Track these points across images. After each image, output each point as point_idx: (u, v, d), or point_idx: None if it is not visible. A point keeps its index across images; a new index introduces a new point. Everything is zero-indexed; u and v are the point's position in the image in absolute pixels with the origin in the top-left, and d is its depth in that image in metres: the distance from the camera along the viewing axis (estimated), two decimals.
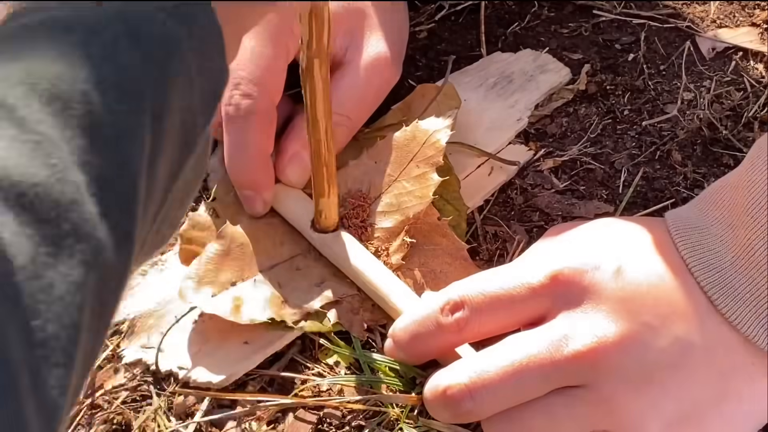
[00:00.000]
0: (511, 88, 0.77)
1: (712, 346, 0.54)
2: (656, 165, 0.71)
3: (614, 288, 0.54)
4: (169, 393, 0.60)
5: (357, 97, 0.68)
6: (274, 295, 0.62)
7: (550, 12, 0.83)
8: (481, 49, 0.80)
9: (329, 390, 0.60)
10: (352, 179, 0.68)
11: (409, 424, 0.57)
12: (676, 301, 0.54)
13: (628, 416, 0.53)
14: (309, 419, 0.59)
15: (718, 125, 0.72)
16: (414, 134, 0.67)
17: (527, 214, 0.69)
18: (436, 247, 0.65)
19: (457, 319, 0.56)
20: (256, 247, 0.65)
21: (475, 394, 0.54)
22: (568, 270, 0.55)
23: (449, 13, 0.83)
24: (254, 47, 0.65)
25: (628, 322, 0.53)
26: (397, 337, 0.59)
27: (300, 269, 0.65)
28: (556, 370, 0.53)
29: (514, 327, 0.57)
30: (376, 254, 0.64)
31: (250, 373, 0.61)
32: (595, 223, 0.60)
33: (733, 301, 0.54)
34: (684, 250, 0.56)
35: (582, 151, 0.73)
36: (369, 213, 0.66)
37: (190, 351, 0.61)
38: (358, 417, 0.58)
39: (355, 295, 0.63)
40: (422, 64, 0.80)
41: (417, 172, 0.66)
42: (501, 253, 0.67)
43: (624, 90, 0.76)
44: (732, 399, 0.54)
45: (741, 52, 0.78)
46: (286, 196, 0.67)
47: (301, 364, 0.62)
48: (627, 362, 0.52)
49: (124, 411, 0.60)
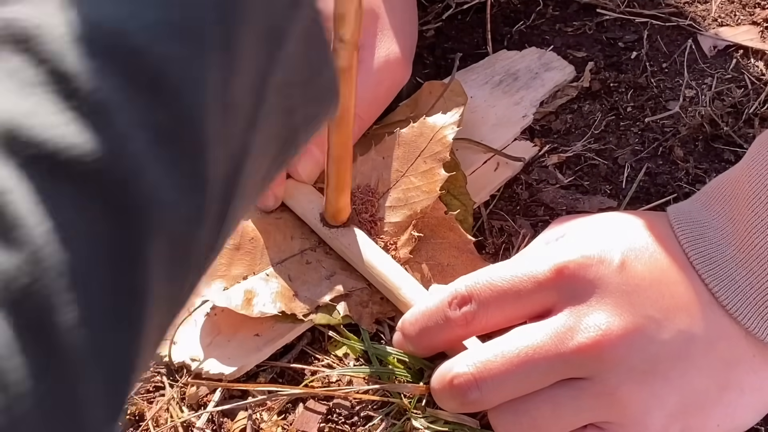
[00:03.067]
0: (517, 86, 0.77)
1: (714, 339, 0.54)
2: (659, 161, 0.72)
3: (618, 282, 0.55)
4: (182, 384, 0.61)
5: (369, 97, 0.69)
6: (284, 289, 0.63)
7: (555, 11, 0.84)
8: (487, 47, 0.81)
9: (338, 381, 0.61)
10: (361, 174, 0.68)
11: (417, 414, 0.58)
12: (678, 294, 0.55)
13: (632, 407, 0.53)
14: (319, 410, 0.59)
15: (720, 122, 0.73)
16: (421, 130, 0.68)
17: (532, 209, 0.70)
18: (444, 241, 0.66)
19: (464, 312, 0.57)
20: (266, 242, 0.66)
21: (482, 384, 0.54)
22: (573, 264, 0.55)
23: (456, 12, 0.84)
24: None
25: (632, 316, 0.54)
26: (406, 330, 0.59)
27: (310, 263, 0.66)
28: (561, 361, 0.54)
29: (521, 320, 0.57)
30: (385, 248, 0.65)
31: (261, 364, 0.62)
32: (599, 217, 0.60)
33: (734, 293, 0.55)
34: (686, 243, 0.56)
35: (586, 147, 0.73)
36: (378, 208, 0.67)
37: (203, 343, 0.62)
38: (367, 407, 0.59)
39: (365, 288, 0.64)
40: (429, 62, 0.81)
41: (424, 167, 0.67)
42: (507, 247, 0.67)
43: (627, 87, 0.77)
44: (734, 390, 0.55)
45: (742, 50, 0.79)
46: (297, 191, 0.68)
47: (310, 355, 0.62)
48: (631, 355, 0.53)
49: (137, 402, 0.61)
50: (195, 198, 0.33)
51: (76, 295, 0.29)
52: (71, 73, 0.30)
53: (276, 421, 0.59)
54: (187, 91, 0.33)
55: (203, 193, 0.33)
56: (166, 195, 0.31)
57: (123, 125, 0.31)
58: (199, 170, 0.33)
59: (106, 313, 0.29)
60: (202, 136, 0.33)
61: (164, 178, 0.31)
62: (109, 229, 0.30)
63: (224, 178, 0.35)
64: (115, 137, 0.30)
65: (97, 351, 0.29)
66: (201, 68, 0.33)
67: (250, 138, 0.36)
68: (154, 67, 0.32)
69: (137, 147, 0.31)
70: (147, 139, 0.31)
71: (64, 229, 0.29)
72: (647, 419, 0.54)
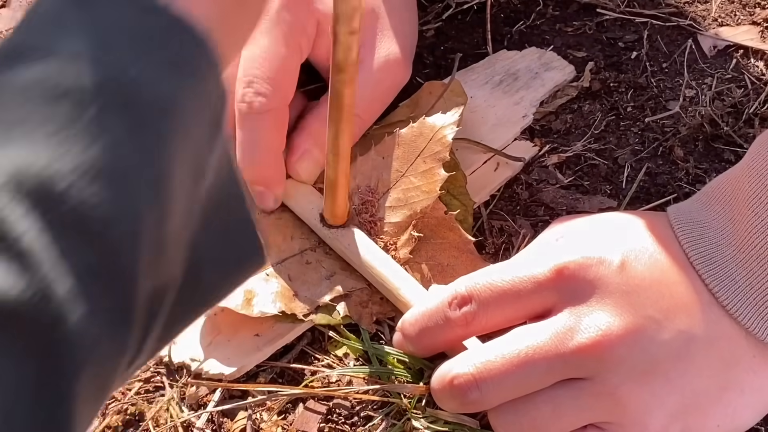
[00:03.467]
0: (517, 86, 0.77)
1: (714, 339, 0.54)
2: (659, 161, 0.72)
3: (618, 282, 0.55)
4: (182, 384, 0.61)
5: (369, 97, 0.69)
6: (284, 289, 0.63)
7: (555, 11, 0.84)
8: (487, 47, 0.81)
9: (338, 381, 0.61)
10: (361, 175, 0.68)
11: (417, 414, 0.58)
12: (678, 294, 0.55)
13: (632, 408, 0.53)
14: (319, 410, 0.60)
15: (720, 122, 0.73)
16: (421, 130, 0.68)
17: (532, 209, 0.70)
18: (443, 241, 0.66)
19: (464, 313, 0.57)
20: (266, 242, 0.66)
21: (482, 384, 0.55)
22: (573, 264, 0.55)
23: (456, 11, 0.84)
24: (268, 45, 0.66)
25: (632, 316, 0.54)
26: (406, 330, 0.59)
27: (310, 263, 0.66)
28: (561, 362, 0.54)
29: (521, 320, 0.57)
30: (385, 248, 0.65)
31: (261, 364, 0.62)
32: (599, 217, 0.60)
33: (734, 294, 0.55)
34: (686, 243, 0.56)
35: (586, 147, 0.73)
36: (378, 208, 0.67)
37: (203, 343, 0.62)
38: (367, 407, 0.59)
39: (364, 288, 0.64)
40: (429, 62, 0.81)
41: (424, 167, 0.67)
42: (507, 247, 0.67)
43: (627, 87, 0.77)
44: (734, 390, 0.55)
45: (742, 50, 0.79)
46: (297, 192, 0.68)
47: (310, 355, 0.63)
48: (631, 355, 0.53)
49: (137, 402, 0.61)
50: (119, 332, 0.34)
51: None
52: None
53: (276, 421, 0.59)
54: (113, 230, 0.34)
55: (128, 325, 0.35)
56: (90, 333, 0.32)
57: (48, 268, 0.32)
58: (125, 305, 0.34)
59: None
60: (129, 272, 0.34)
61: (88, 317, 0.32)
62: (35, 371, 0.31)
63: (149, 307, 0.36)
64: (40, 280, 0.31)
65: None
66: (129, 207, 0.34)
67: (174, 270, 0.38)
68: (80, 210, 0.33)
69: (62, 289, 0.32)
70: (72, 281, 0.32)
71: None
72: (647, 419, 0.54)
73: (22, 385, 0.30)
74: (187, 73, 0.38)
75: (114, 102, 0.35)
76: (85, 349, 0.32)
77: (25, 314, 0.31)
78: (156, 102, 0.36)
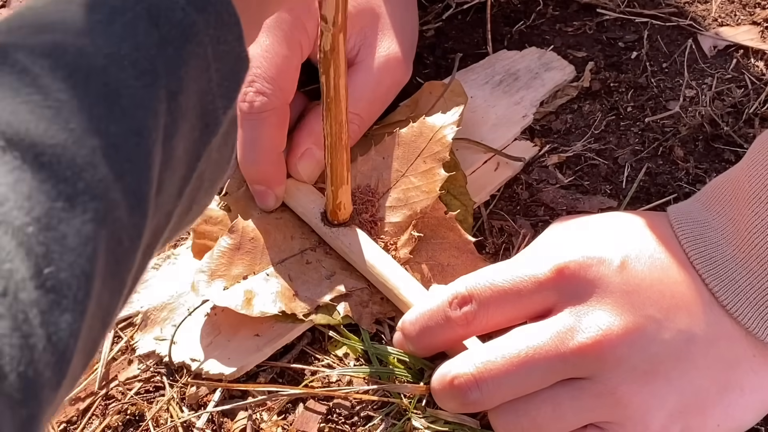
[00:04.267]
0: (517, 86, 0.77)
1: (714, 338, 0.55)
2: (659, 161, 0.72)
3: (619, 282, 0.55)
4: (182, 384, 0.61)
5: (369, 96, 0.69)
6: (284, 288, 0.63)
7: (555, 11, 0.84)
8: (487, 47, 0.81)
9: (339, 381, 0.61)
10: (361, 175, 0.68)
11: (417, 414, 0.58)
12: (679, 294, 0.55)
13: (633, 407, 0.53)
14: (319, 410, 0.60)
15: (720, 122, 0.73)
16: (421, 130, 0.68)
17: (532, 209, 0.70)
18: (444, 241, 0.66)
19: (465, 312, 0.57)
20: (267, 241, 0.66)
21: (482, 384, 0.55)
22: (573, 264, 0.55)
23: (456, 12, 0.84)
24: (269, 45, 0.66)
25: (632, 315, 0.54)
26: (406, 330, 0.59)
27: (310, 263, 0.66)
28: (561, 362, 0.54)
29: (521, 320, 0.57)
30: (386, 248, 0.65)
31: (261, 364, 0.62)
32: (600, 217, 0.60)
33: (734, 293, 0.55)
34: (686, 243, 0.57)
35: (586, 147, 0.73)
36: (378, 208, 0.67)
37: (203, 343, 0.62)
38: (367, 407, 0.59)
39: (365, 288, 0.64)
40: (430, 62, 0.81)
41: (424, 167, 0.67)
42: (507, 247, 0.67)
43: (627, 87, 0.77)
44: (734, 390, 0.55)
45: (742, 50, 0.79)
46: (297, 191, 0.68)
47: (311, 355, 0.63)
48: (632, 354, 0.53)
49: (137, 401, 0.61)
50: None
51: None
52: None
53: (276, 421, 0.59)
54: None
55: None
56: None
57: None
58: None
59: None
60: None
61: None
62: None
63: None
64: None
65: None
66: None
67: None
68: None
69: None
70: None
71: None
72: (648, 419, 0.54)
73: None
74: (213, 22, 0.42)
75: (146, 14, 0.40)
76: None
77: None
78: (180, 24, 0.41)
